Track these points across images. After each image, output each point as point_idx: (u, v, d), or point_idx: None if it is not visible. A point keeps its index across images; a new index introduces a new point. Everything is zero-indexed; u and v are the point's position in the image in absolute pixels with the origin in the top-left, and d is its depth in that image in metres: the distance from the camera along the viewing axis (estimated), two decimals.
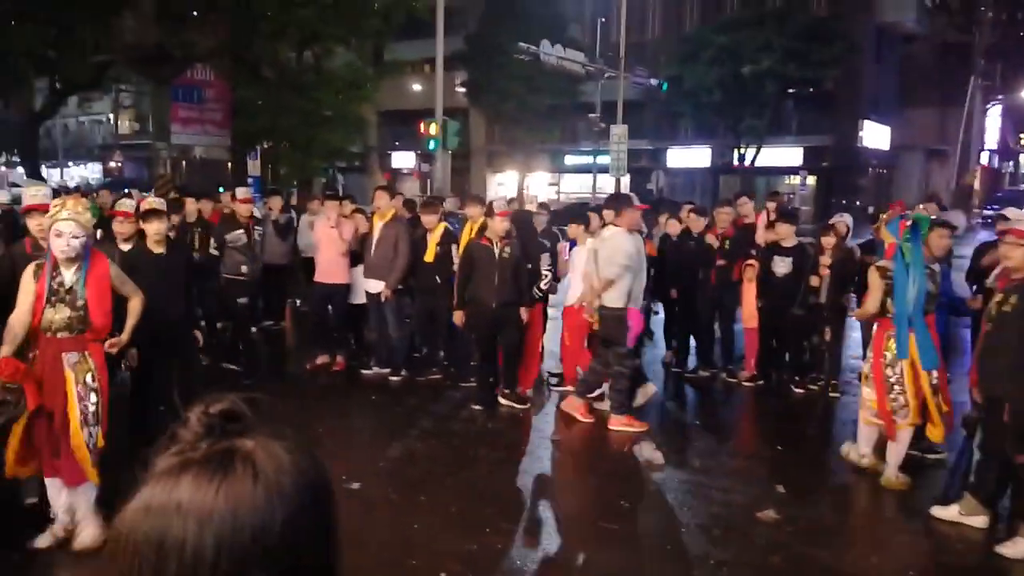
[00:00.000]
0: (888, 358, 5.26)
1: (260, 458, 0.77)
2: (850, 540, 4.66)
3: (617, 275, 6.36)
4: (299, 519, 0.77)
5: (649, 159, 33.27)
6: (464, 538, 4.52)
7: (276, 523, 0.75)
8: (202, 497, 0.74)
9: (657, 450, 5.86)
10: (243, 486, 0.75)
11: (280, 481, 0.77)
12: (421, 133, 16.09)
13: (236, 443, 0.78)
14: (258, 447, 0.78)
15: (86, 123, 48.51)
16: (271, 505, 0.75)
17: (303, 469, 0.80)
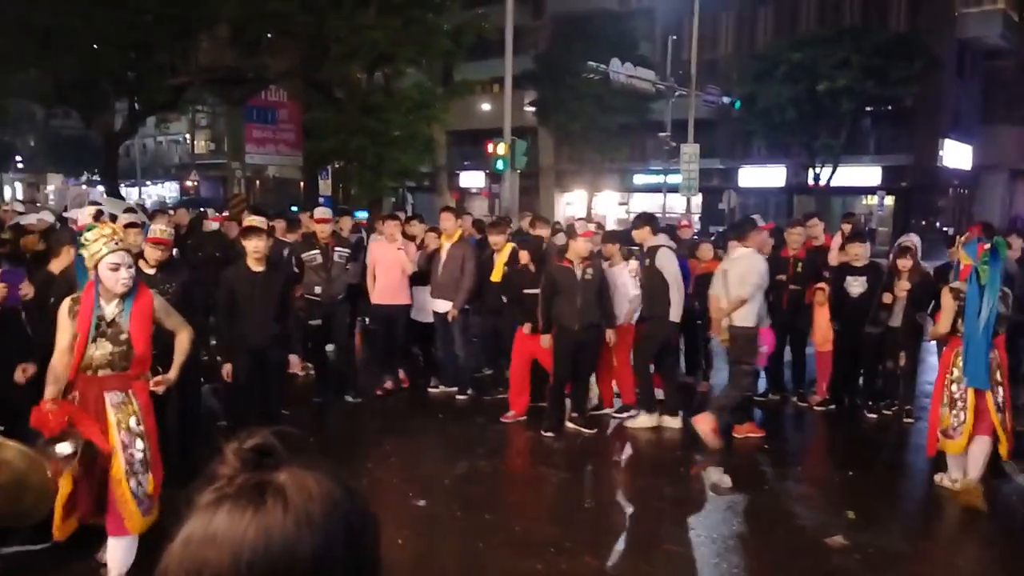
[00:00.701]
0: (955, 374, 5.40)
1: (291, 490, 0.82)
2: (920, 570, 4.51)
3: (750, 295, 6.54)
4: (331, 548, 0.80)
5: (720, 178, 32.85)
6: (528, 557, 4.55)
7: (307, 552, 0.79)
8: (235, 529, 0.79)
9: (725, 474, 5.79)
10: (273, 517, 0.79)
11: (310, 511, 0.80)
12: (489, 153, 16.25)
13: (268, 476, 0.83)
14: (289, 479, 0.83)
15: (164, 143, 50.39)
16: (301, 535, 0.79)
17: (336, 500, 0.83)
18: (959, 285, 5.41)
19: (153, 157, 51.12)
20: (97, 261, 3.67)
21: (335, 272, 7.75)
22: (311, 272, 7.81)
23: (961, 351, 5.32)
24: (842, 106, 26.17)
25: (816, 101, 26.09)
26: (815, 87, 25.74)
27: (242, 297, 5.50)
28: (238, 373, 5.53)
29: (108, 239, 3.70)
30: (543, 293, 6.93)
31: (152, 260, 5.30)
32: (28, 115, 43.79)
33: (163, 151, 51.61)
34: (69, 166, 45.02)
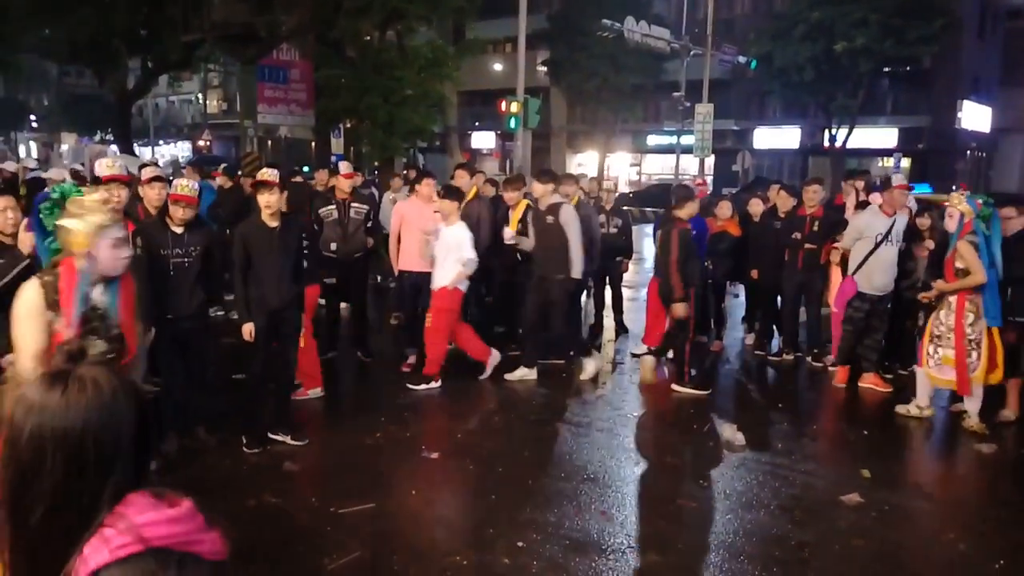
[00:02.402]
0: (970, 319, 5.88)
1: (85, 378, 1.19)
2: (937, 527, 4.51)
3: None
4: (111, 419, 1.18)
5: (735, 140, 32.51)
6: (541, 510, 4.57)
7: (91, 417, 1.16)
8: (46, 401, 1.16)
9: (739, 431, 5.78)
10: (70, 394, 1.17)
11: (94, 392, 1.17)
12: (502, 112, 16.07)
13: (73, 369, 1.21)
14: (86, 371, 1.20)
15: (176, 103, 50.26)
16: (86, 406, 1.16)
17: (115, 389, 1.20)
18: (971, 237, 5.80)
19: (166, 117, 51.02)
20: (95, 234, 2.90)
21: (352, 228, 7.66)
22: (328, 228, 7.72)
23: (972, 298, 5.85)
24: (860, 66, 25.77)
25: (834, 61, 25.69)
26: (833, 47, 25.33)
27: (257, 254, 5.35)
28: (257, 334, 5.36)
29: (107, 206, 2.99)
30: (678, 255, 6.80)
31: (178, 219, 5.14)
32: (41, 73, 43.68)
33: (176, 110, 51.47)
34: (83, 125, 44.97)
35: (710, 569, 3.98)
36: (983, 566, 4.08)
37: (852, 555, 4.17)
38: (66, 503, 1.15)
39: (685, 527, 4.45)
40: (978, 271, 5.76)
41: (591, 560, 4.02)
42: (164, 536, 1.12)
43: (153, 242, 5.12)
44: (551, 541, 4.20)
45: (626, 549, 4.14)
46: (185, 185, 5.33)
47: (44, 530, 1.15)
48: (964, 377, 5.93)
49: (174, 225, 5.17)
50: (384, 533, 4.30)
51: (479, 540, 4.23)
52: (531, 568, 3.93)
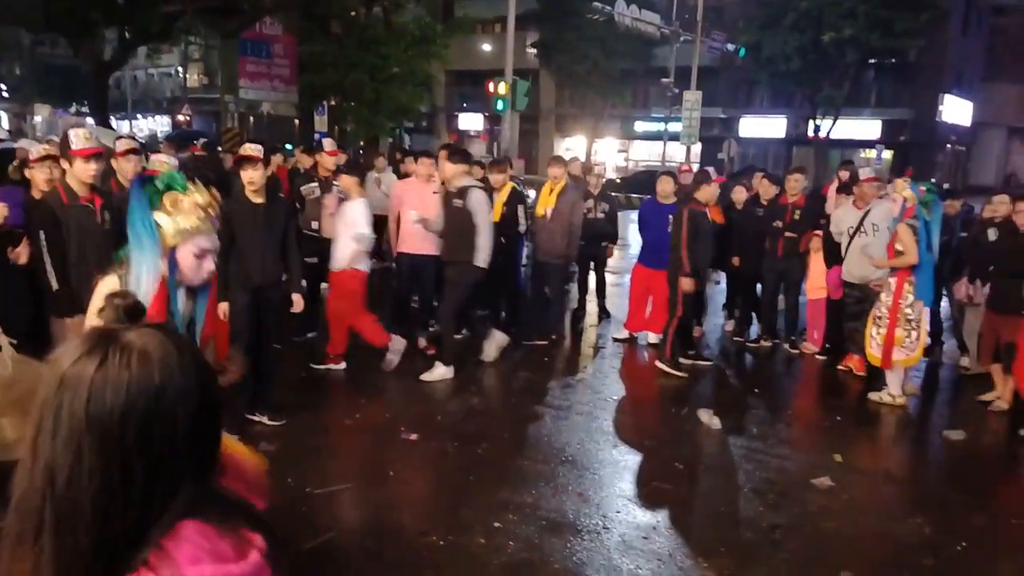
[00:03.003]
0: (909, 299, 6.22)
1: (135, 345, 0.95)
2: (904, 511, 4.60)
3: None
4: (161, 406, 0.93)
5: (722, 128, 32.58)
6: (518, 491, 4.62)
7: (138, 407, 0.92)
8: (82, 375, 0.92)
9: (715, 416, 5.86)
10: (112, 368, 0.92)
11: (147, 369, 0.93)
12: (490, 93, 16.00)
13: (118, 333, 0.97)
14: (136, 337, 0.96)
15: (155, 75, 49.38)
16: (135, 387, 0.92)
17: (169, 358, 0.96)
18: (911, 221, 6.12)
19: (144, 90, 50.18)
20: (180, 238, 2.55)
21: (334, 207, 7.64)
22: (310, 206, 7.69)
23: (912, 279, 6.20)
24: (847, 57, 25.91)
25: (821, 51, 25.80)
26: (820, 37, 25.42)
27: (241, 232, 5.21)
28: (236, 313, 5.16)
29: (204, 211, 2.60)
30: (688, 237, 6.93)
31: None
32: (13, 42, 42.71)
33: (155, 84, 50.65)
34: (57, 96, 44.15)
35: (683, 550, 4.04)
36: (947, 549, 4.18)
37: (822, 537, 4.26)
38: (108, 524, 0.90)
39: (660, 509, 4.51)
40: (912, 253, 6.10)
41: (566, 540, 4.08)
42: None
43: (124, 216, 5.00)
44: (527, 522, 4.25)
45: (601, 530, 4.20)
46: (163, 160, 5.24)
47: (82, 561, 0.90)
48: (888, 351, 6.30)
49: None
50: (360, 514, 4.34)
51: (455, 521, 4.27)
52: (506, 548, 3.98)
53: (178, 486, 0.94)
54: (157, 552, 0.90)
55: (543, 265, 7.67)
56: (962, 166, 35.02)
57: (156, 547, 0.91)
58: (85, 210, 4.74)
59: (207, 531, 0.93)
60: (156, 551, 0.90)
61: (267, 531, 1.01)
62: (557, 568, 3.82)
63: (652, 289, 7.65)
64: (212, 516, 0.95)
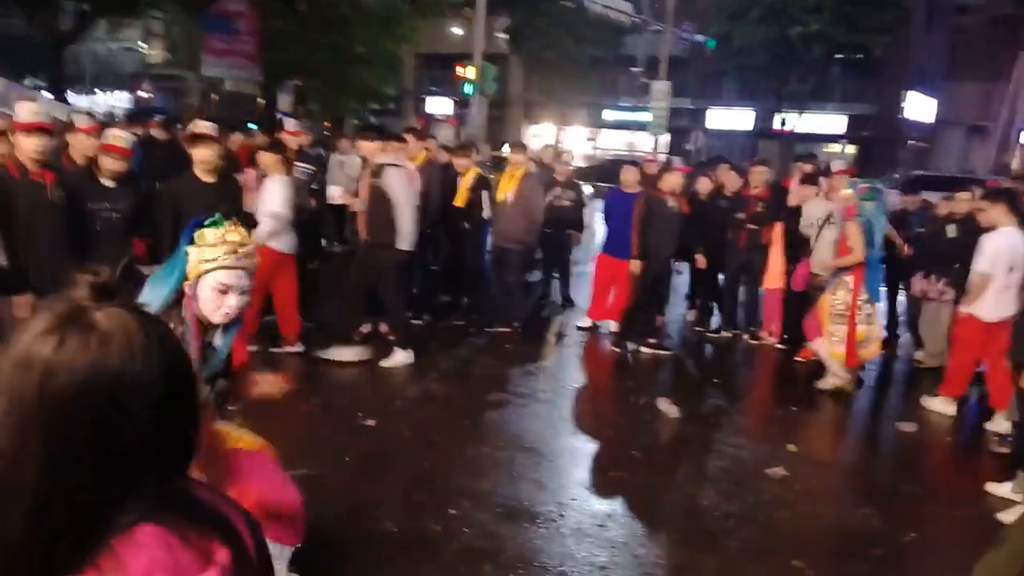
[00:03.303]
0: (864, 296, 6.36)
1: (101, 324, 0.88)
2: (855, 501, 4.67)
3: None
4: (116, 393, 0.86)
5: (690, 119, 32.70)
6: (474, 478, 4.60)
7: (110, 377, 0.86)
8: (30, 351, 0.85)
9: (673, 404, 5.89)
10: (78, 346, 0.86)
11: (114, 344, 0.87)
12: (458, 76, 15.88)
13: (85, 310, 0.90)
14: (103, 316, 0.89)
15: (116, 50, 48.13)
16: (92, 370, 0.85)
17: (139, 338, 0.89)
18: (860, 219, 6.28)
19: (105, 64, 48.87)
20: (204, 271, 2.46)
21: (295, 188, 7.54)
22: None
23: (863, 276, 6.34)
24: (813, 52, 26.13)
25: (788, 45, 25.99)
26: (788, 31, 25.61)
27: (190, 210, 5.11)
28: None
29: (232, 247, 2.49)
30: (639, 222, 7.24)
31: (108, 171, 4.91)
32: None
33: (115, 58, 49.26)
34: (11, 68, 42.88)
35: (637, 538, 4.06)
36: (895, 538, 4.25)
37: (774, 527, 4.30)
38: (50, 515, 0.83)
39: (616, 497, 4.53)
40: (859, 251, 6.24)
41: (521, 527, 4.07)
42: None
43: (78, 193, 4.84)
44: (482, 509, 4.24)
45: (557, 518, 4.20)
46: (119, 135, 5.11)
47: (16, 553, 0.83)
48: (853, 348, 6.41)
49: (103, 177, 4.94)
50: (314, 500, 4.24)
51: (410, 507, 4.24)
52: (461, 535, 3.96)
53: (137, 485, 0.86)
54: (108, 555, 0.83)
55: (503, 251, 7.64)
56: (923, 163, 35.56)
57: (108, 549, 0.83)
58: (36, 186, 4.59)
59: (168, 539, 0.85)
60: (108, 554, 0.83)
61: (237, 546, 0.93)
62: (511, 555, 3.81)
63: (616, 278, 7.70)
64: (177, 523, 0.87)
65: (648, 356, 7.30)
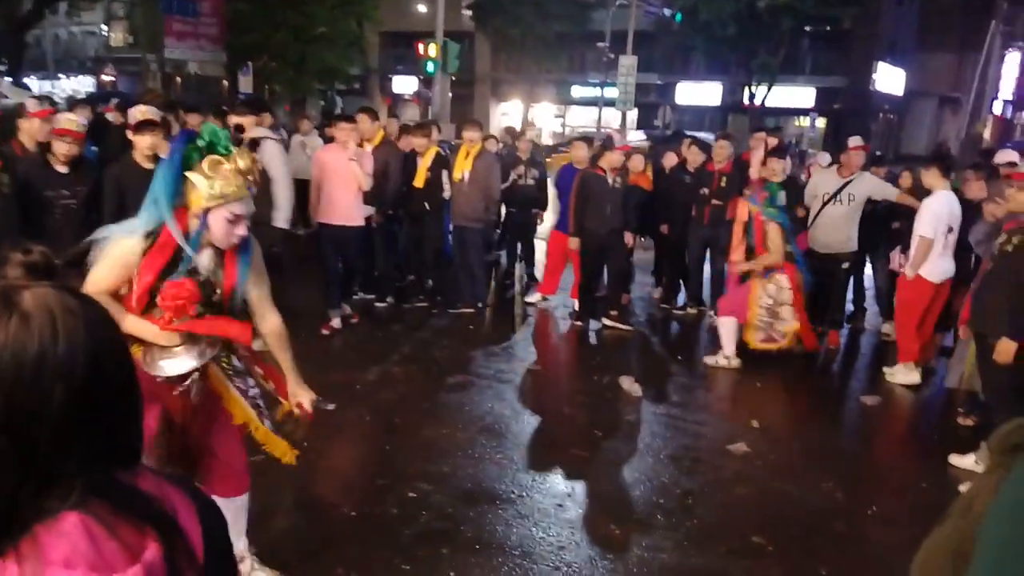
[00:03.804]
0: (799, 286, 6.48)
1: (29, 304, 0.85)
2: (817, 476, 4.66)
3: None
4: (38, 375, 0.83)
5: (658, 94, 32.67)
6: (435, 461, 4.55)
7: (33, 358, 0.82)
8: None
9: (636, 383, 5.86)
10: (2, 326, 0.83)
11: (44, 323, 0.84)
12: (420, 55, 15.67)
13: (13, 290, 0.87)
14: (32, 295, 0.86)
15: (78, 34, 47.20)
16: (28, 343, 0.83)
17: (61, 327, 0.86)
18: (775, 221, 6.36)
19: (67, 48, 47.94)
20: (217, 202, 2.50)
21: None
22: None
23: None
24: (782, 24, 26.09)
25: (757, 18, 25.93)
26: (756, 3, 25.55)
27: (132, 196, 4.98)
28: None
29: (243, 177, 2.54)
30: (575, 199, 7.34)
31: (61, 156, 4.84)
32: None
33: (77, 42, 48.35)
34: None
35: (596, 517, 4.03)
36: (857, 512, 4.25)
37: (734, 503, 4.29)
38: None
39: (576, 477, 4.49)
40: (776, 252, 6.34)
41: (480, 508, 4.03)
42: None
43: (33, 181, 4.80)
44: (441, 491, 4.19)
45: (516, 499, 4.16)
46: (71, 119, 5.03)
47: None
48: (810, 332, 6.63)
49: (57, 164, 4.86)
50: (272, 485, 4.19)
51: (369, 491, 4.19)
52: (419, 518, 3.91)
53: (62, 471, 0.83)
54: (30, 540, 0.80)
55: (462, 230, 7.55)
56: (894, 134, 35.83)
57: (30, 535, 0.81)
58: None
59: (93, 530, 0.82)
60: (29, 539, 0.81)
61: (173, 541, 0.89)
62: (469, 537, 3.77)
63: (570, 254, 7.72)
64: (106, 514, 0.84)
65: (611, 333, 7.28)
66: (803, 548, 3.87)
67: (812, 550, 3.85)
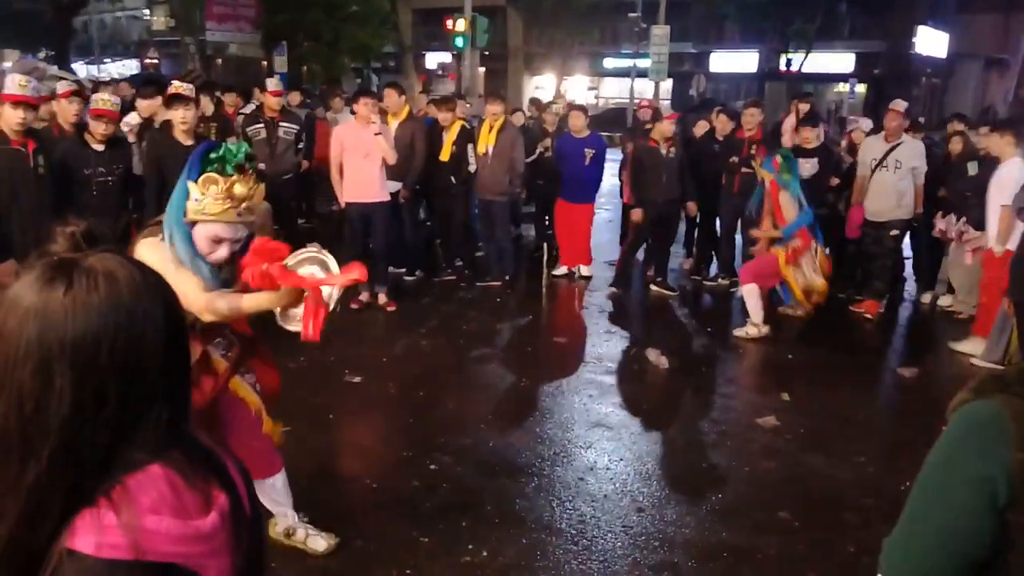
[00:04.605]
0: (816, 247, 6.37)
1: (98, 270, 0.90)
2: (849, 449, 4.55)
3: None
4: (132, 325, 0.89)
5: (692, 63, 32.06)
6: (458, 433, 4.54)
7: (110, 327, 0.88)
8: (42, 302, 0.87)
9: (663, 355, 5.78)
10: (78, 294, 0.88)
11: (112, 291, 0.89)
12: (448, 30, 15.54)
13: (78, 258, 0.92)
14: (97, 262, 0.91)
15: (122, 19, 48.05)
16: (102, 310, 0.88)
17: (137, 284, 0.92)
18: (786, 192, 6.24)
19: (112, 33, 48.76)
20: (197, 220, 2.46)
21: (280, 148, 7.48)
22: (256, 148, 7.45)
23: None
24: None
25: None
26: None
27: (171, 173, 5.08)
28: None
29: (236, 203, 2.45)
30: (631, 171, 7.56)
31: (98, 135, 5.02)
32: None
33: (122, 27, 49.16)
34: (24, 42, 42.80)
35: (616, 492, 3.98)
36: (888, 487, 4.11)
37: (761, 477, 4.21)
38: (75, 449, 0.87)
39: (599, 449, 4.45)
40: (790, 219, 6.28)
41: (501, 482, 4.01)
42: (167, 554, 0.86)
43: (72, 161, 4.99)
44: (462, 464, 4.18)
45: (536, 472, 4.13)
46: (105, 99, 5.20)
47: (43, 488, 0.87)
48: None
49: (95, 143, 5.01)
50: (295, 456, 4.19)
51: (390, 463, 4.20)
52: (439, 490, 3.91)
53: (148, 418, 0.91)
54: (120, 489, 0.86)
55: (488, 203, 7.50)
56: (937, 99, 34.79)
57: (120, 484, 0.87)
58: (17, 154, 4.74)
59: (175, 480, 0.89)
60: (119, 488, 0.87)
61: (233, 494, 0.96)
62: (489, 510, 3.75)
63: (574, 221, 7.89)
64: (182, 465, 0.91)
65: (641, 303, 7.26)
66: (831, 524, 3.77)
67: (840, 526, 3.76)
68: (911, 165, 6.83)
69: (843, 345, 6.49)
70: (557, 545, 3.49)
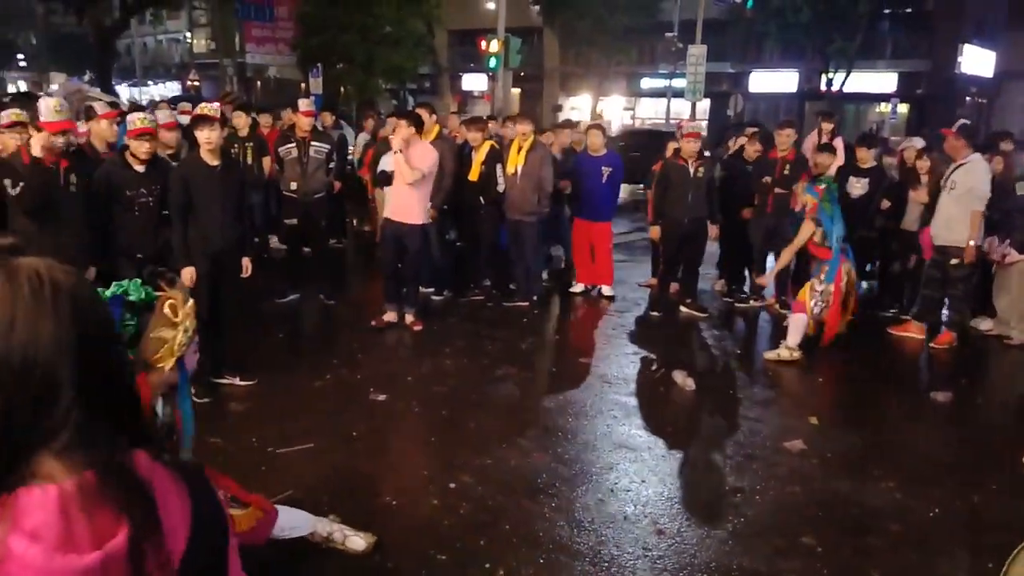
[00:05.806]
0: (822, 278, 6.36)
1: (23, 271, 0.88)
2: (877, 474, 4.45)
3: None
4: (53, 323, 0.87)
5: (731, 83, 31.89)
6: (479, 453, 4.53)
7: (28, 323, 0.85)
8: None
9: (689, 377, 5.73)
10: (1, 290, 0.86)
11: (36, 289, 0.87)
12: (482, 51, 15.68)
13: (7, 259, 0.90)
14: (23, 263, 0.89)
15: (164, 42, 49.46)
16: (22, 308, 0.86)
17: (61, 284, 0.90)
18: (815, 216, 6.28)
19: (154, 56, 50.15)
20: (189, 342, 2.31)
21: (311, 168, 7.55)
22: (287, 167, 7.60)
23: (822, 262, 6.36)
24: (859, 7, 25.11)
25: (832, 2, 25.03)
26: None
27: (198, 194, 5.12)
28: (200, 278, 5.13)
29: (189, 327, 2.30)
30: (656, 188, 7.59)
31: (140, 154, 5.04)
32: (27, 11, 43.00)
33: (163, 50, 50.63)
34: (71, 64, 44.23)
35: (637, 514, 3.94)
36: (917, 513, 4.04)
37: (785, 501, 4.14)
38: None
39: (621, 470, 4.41)
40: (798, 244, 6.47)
41: (520, 502, 4.00)
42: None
43: (116, 182, 5.08)
44: (484, 483, 4.17)
45: (556, 492, 4.11)
46: (143, 118, 5.24)
47: None
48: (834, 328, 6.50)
49: (136, 163, 5.09)
50: (318, 473, 4.27)
51: (412, 481, 4.21)
52: (459, 509, 3.90)
53: (52, 434, 0.85)
54: (10, 502, 0.82)
55: (517, 224, 7.51)
56: (984, 119, 34.13)
57: (12, 496, 0.83)
58: (47, 171, 4.83)
59: (70, 507, 0.83)
60: (10, 500, 0.83)
61: (146, 531, 0.88)
62: (507, 530, 3.74)
63: (593, 240, 7.93)
64: (89, 491, 0.85)
65: (672, 323, 7.21)
66: (855, 550, 3.69)
67: (865, 552, 3.67)
68: (967, 186, 6.48)
69: (875, 368, 6.37)
70: (574, 566, 3.46)
